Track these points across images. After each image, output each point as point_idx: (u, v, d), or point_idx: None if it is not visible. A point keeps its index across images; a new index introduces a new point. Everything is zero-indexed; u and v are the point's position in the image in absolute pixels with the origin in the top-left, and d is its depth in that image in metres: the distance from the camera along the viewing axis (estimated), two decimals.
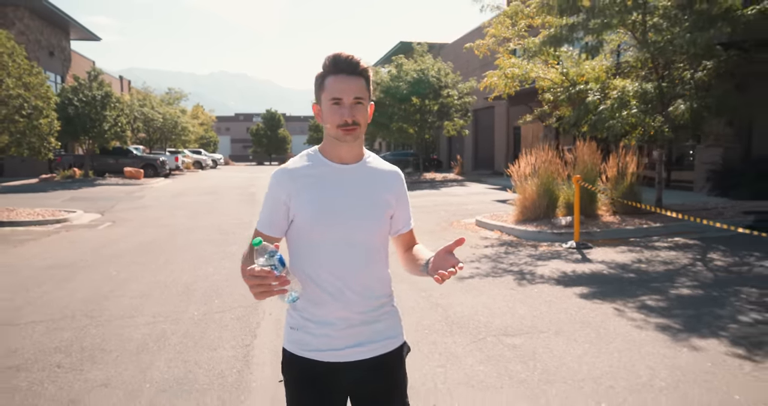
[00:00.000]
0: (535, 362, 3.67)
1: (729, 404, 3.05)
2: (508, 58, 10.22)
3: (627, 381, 3.36)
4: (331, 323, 1.57)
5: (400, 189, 1.70)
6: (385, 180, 1.66)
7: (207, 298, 5.42)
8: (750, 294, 5.18)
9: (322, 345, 1.58)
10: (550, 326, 4.43)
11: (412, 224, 1.76)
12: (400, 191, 1.70)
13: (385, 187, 1.65)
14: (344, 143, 1.57)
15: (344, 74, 1.53)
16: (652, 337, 4.11)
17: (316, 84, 1.59)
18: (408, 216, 1.74)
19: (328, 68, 1.55)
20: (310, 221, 1.56)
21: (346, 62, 1.53)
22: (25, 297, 5.54)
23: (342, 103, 1.53)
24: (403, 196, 1.71)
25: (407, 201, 1.74)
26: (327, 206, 1.56)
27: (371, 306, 1.60)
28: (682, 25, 8.03)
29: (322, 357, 1.58)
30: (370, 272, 1.61)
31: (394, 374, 1.66)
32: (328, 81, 1.55)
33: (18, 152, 12.79)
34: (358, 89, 1.53)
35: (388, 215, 1.66)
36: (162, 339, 4.27)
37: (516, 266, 6.68)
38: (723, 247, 7.48)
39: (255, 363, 3.80)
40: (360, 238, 1.59)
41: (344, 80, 1.53)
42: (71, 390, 3.39)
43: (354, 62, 1.53)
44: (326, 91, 1.55)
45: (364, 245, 1.60)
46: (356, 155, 1.63)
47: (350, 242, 1.58)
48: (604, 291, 5.44)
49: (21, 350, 4.08)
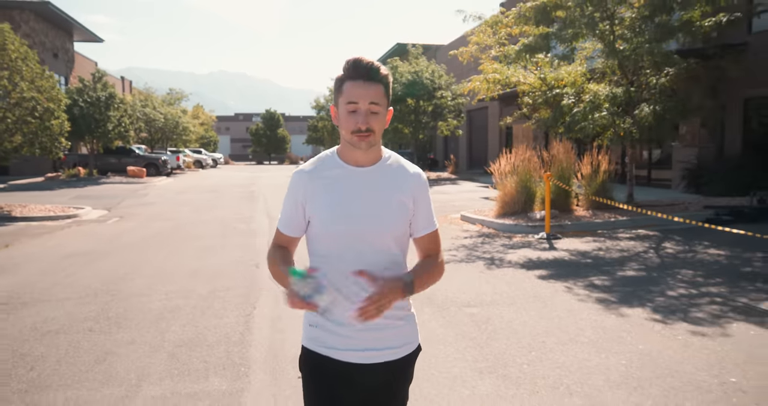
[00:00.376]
0: (486, 326, 4.43)
1: (633, 351, 3.81)
2: (490, 64, 10.98)
3: (557, 337, 4.12)
4: (350, 324, 1.57)
5: (419, 191, 1.68)
6: (402, 182, 1.65)
7: (212, 279, 6.17)
8: (685, 275, 5.96)
9: (340, 344, 1.60)
10: (506, 299, 5.19)
11: (432, 227, 1.72)
12: (418, 193, 1.67)
13: (401, 190, 1.63)
14: (358, 149, 1.58)
15: (362, 80, 1.53)
16: (589, 307, 4.87)
17: (335, 87, 1.60)
18: (427, 219, 1.70)
19: (347, 73, 1.55)
20: (326, 223, 1.59)
21: (365, 68, 1.53)
22: (52, 279, 6.29)
23: (358, 109, 1.53)
24: (422, 198, 1.68)
25: (428, 203, 1.71)
26: (342, 209, 1.57)
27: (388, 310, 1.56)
28: (644, 36, 8.79)
29: (340, 356, 1.60)
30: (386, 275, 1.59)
31: (405, 377, 1.70)
32: (346, 86, 1.55)
33: (30, 152, 13.53)
34: (376, 95, 1.53)
35: (406, 217, 1.64)
36: (175, 310, 5.02)
37: (488, 254, 7.45)
38: (678, 237, 8.25)
39: (255, 327, 4.55)
40: (374, 240, 1.59)
41: (362, 86, 1.53)
42: (104, 346, 4.14)
43: (374, 68, 1.53)
44: (344, 96, 1.55)
45: (380, 248, 1.60)
46: (373, 158, 1.63)
47: (366, 245, 1.58)
48: (561, 273, 6.20)
49: (57, 318, 4.83)
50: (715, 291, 5.30)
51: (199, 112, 54.11)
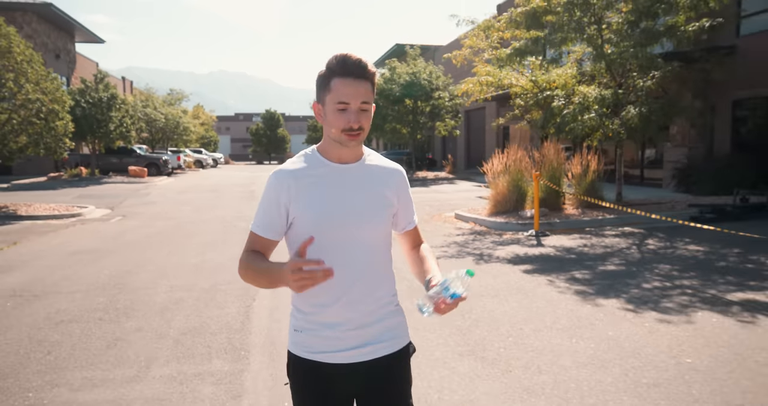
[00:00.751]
0: (470, 315, 4.75)
1: (602, 337, 4.13)
2: (483, 66, 11.31)
3: (535, 324, 4.45)
4: (338, 325, 1.56)
5: (402, 186, 1.70)
6: (385, 178, 1.66)
7: (214, 274, 6.49)
8: (662, 269, 6.28)
9: (327, 347, 1.57)
10: (490, 291, 5.51)
11: (416, 220, 1.77)
12: (401, 189, 1.69)
13: (386, 185, 1.64)
14: (346, 147, 1.56)
15: (352, 78, 1.49)
16: (567, 298, 5.20)
17: (320, 83, 1.55)
18: (411, 213, 1.75)
19: (335, 69, 1.51)
20: (312, 223, 1.55)
21: (354, 65, 1.49)
22: (61, 274, 6.61)
23: (349, 108, 1.50)
24: (405, 193, 1.71)
25: (410, 198, 1.74)
26: (328, 207, 1.55)
27: (376, 306, 1.59)
28: (630, 41, 9.12)
29: (327, 359, 1.57)
30: (373, 272, 1.60)
31: (400, 375, 1.66)
32: (334, 83, 1.50)
33: (35, 152, 13.85)
34: (365, 94, 1.51)
35: (390, 213, 1.65)
36: (180, 302, 5.35)
37: (478, 250, 7.77)
38: (662, 234, 8.57)
39: (254, 317, 4.87)
40: (362, 237, 1.58)
41: (352, 84, 1.49)
42: (114, 333, 4.47)
43: (362, 65, 1.50)
44: (332, 93, 1.51)
45: (367, 245, 1.59)
46: (357, 155, 1.62)
47: (353, 242, 1.57)
48: (545, 268, 6.53)
49: (69, 309, 5.15)
50: (687, 284, 5.63)
51: (200, 112, 54.47)
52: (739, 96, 13.70)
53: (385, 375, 1.61)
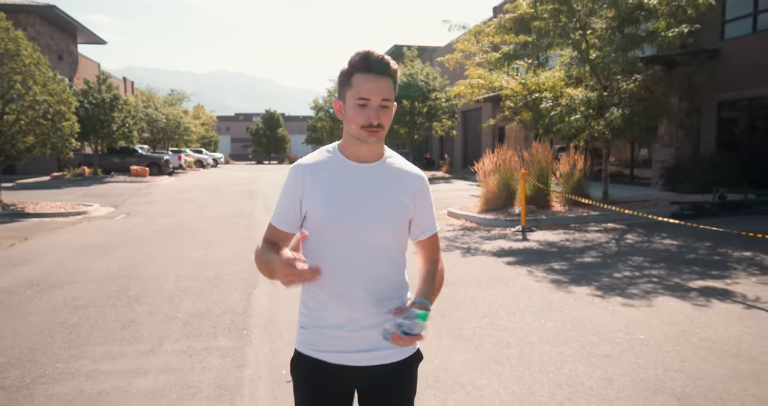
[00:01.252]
0: (452, 301, 5.20)
1: (568, 318, 4.59)
2: (475, 69, 11.76)
3: (509, 308, 4.90)
4: (342, 325, 1.56)
5: (421, 193, 1.65)
6: (403, 182, 1.62)
7: (217, 266, 6.94)
8: (635, 261, 6.74)
9: (331, 346, 1.57)
10: (473, 281, 5.97)
11: (433, 231, 1.70)
12: (420, 195, 1.64)
13: (402, 189, 1.61)
14: (365, 143, 1.55)
15: (374, 74, 1.49)
16: (543, 286, 5.65)
17: (342, 80, 1.55)
18: (428, 223, 1.68)
19: (357, 66, 1.51)
20: (322, 219, 1.55)
21: (377, 62, 1.49)
22: (73, 266, 7.06)
23: (369, 104, 1.50)
24: (423, 200, 1.66)
25: (429, 208, 1.68)
26: (339, 205, 1.54)
27: (382, 309, 1.55)
28: (612, 45, 9.58)
29: (331, 359, 1.57)
30: (381, 275, 1.58)
31: (404, 384, 1.63)
32: (356, 79, 1.50)
33: (41, 152, 14.30)
34: (387, 90, 1.50)
35: (405, 217, 1.61)
36: (186, 290, 5.79)
37: (466, 245, 8.23)
38: (641, 230, 9.03)
39: (255, 302, 5.32)
40: (371, 238, 1.56)
41: (373, 80, 1.49)
42: (127, 316, 4.92)
43: (385, 62, 1.50)
44: (353, 89, 1.51)
45: (376, 246, 1.57)
46: (376, 155, 1.60)
47: (360, 242, 1.55)
48: (526, 260, 6.98)
49: (84, 296, 5.60)
50: (655, 273, 6.08)
51: (200, 113, 54.96)
52: (724, 98, 14.17)
53: (388, 383, 1.60)
